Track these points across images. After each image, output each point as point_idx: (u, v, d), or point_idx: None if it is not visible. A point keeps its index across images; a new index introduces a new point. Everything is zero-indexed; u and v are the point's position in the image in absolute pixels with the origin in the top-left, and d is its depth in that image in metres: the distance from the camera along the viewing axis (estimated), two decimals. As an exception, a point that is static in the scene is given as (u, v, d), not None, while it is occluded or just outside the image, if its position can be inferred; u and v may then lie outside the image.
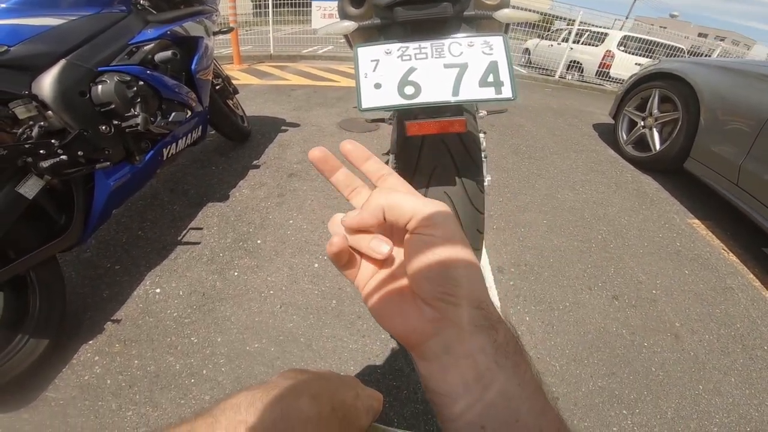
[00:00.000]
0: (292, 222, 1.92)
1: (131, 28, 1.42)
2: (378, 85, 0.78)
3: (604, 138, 3.43)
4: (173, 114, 1.52)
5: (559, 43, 7.05)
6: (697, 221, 2.26)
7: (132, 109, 1.32)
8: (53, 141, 1.08)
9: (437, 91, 0.78)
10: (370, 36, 0.96)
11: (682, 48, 6.57)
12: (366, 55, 0.80)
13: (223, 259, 1.65)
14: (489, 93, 0.78)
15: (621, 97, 3.19)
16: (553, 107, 4.43)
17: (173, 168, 2.30)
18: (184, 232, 1.80)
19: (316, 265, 1.64)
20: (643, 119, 2.92)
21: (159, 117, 1.48)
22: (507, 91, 0.78)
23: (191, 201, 2.03)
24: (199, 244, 1.73)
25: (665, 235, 2.08)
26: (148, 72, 1.41)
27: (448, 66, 0.79)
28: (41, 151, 1.05)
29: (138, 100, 1.34)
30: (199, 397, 1.13)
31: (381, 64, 0.79)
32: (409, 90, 0.77)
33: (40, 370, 1.14)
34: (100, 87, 1.24)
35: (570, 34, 6.59)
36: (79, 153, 1.15)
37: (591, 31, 6.97)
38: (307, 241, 1.78)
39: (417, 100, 0.78)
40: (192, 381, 1.17)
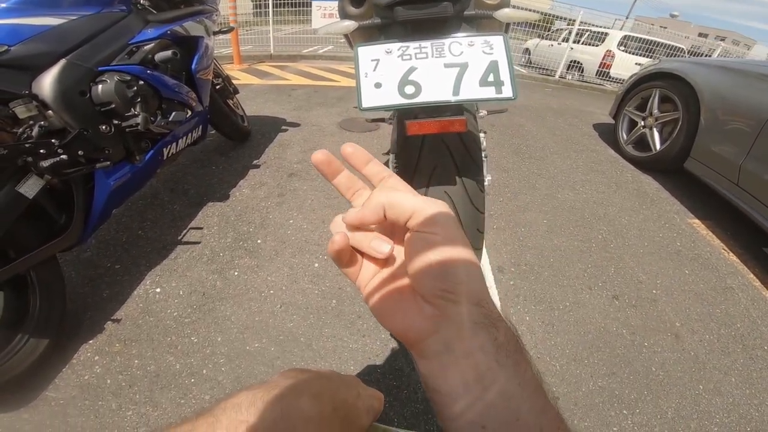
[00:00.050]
0: (292, 222, 1.92)
1: (131, 28, 1.42)
2: (378, 85, 0.78)
3: (605, 138, 3.43)
4: (173, 114, 1.52)
5: (559, 43, 7.05)
6: (697, 221, 2.26)
7: (132, 109, 1.32)
8: (53, 140, 1.08)
9: (438, 91, 0.78)
10: (371, 35, 0.96)
11: (682, 48, 6.56)
12: (366, 54, 0.80)
13: (224, 258, 1.65)
14: (489, 92, 0.78)
15: (621, 97, 3.19)
16: (554, 107, 4.43)
17: (173, 167, 2.30)
18: (185, 232, 1.80)
19: (317, 264, 1.64)
20: (644, 119, 2.91)
21: (159, 116, 1.48)
22: (507, 91, 0.78)
23: (191, 200, 2.03)
24: (199, 243, 1.73)
25: (665, 235, 2.08)
26: (149, 72, 1.41)
27: (448, 65, 0.79)
28: (41, 150, 1.05)
29: (138, 99, 1.34)
30: (199, 397, 1.13)
31: (381, 63, 0.79)
32: (409, 89, 0.77)
33: (40, 369, 1.14)
34: (101, 86, 1.24)
35: (570, 34, 6.58)
36: (79, 152, 1.15)
37: (591, 31, 6.97)
38: (308, 241, 1.78)
39: (417, 100, 0.78)
40: (192, 381, 1.17)
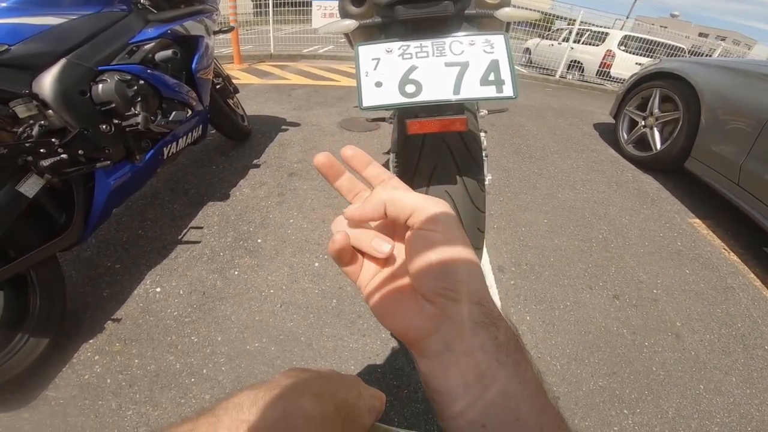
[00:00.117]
0: (292, 221, 1.92)
1: (132, 27, 1.42)
2: (379, 84, 0.78)
3: (605, 137, 3.43)
4: (174, 113, 1.52)
5: (559, 43, 7.04)
6: (697, 221, 2.25)
7: (132, 108, 1.32)
8: (53, 140, 1.08)
9: (438, 90, 0.78)
10: (371, 35, 0.96)
11: (682, 48, 6.56)
12: (367, 53, 0.80)
13: (224, 258, 1.65)
14: (490, 91, 0.78)
15: (622, 97, 3.18)
16: (554, 107, 4.43)
17: (174, 167, 2.30)
18: (185, 231, 1.80)
19: (317, 264, 1.64)
20: (644, 119, 2.91)
21: (159, 116, 1.48)
22: (508, 90, 0.78)
23: (191, 200, 2.03)
24: (199, 243, 1.73)
25: (666, 235, 2.07)
26: (149, 71, 1.41)
27: (449, 64, 0.79)
28: (41, 149, 1.05)
29: (138, 99, 1.34)
30: (200, 397, 1.13)
31: (382, 62, 0.79)
32: (410, 88, 0.77)
33: (41, 369, 1.14)
34: (101, 86, 1.24)
35: (571, 33, 6.58)
36: (79, 152, 1.15)
37: (591, 31, 6.97)
38: (308, 240, 1.78)
39: (418, 99, 0.77)
40: (192, 380, 1.17)
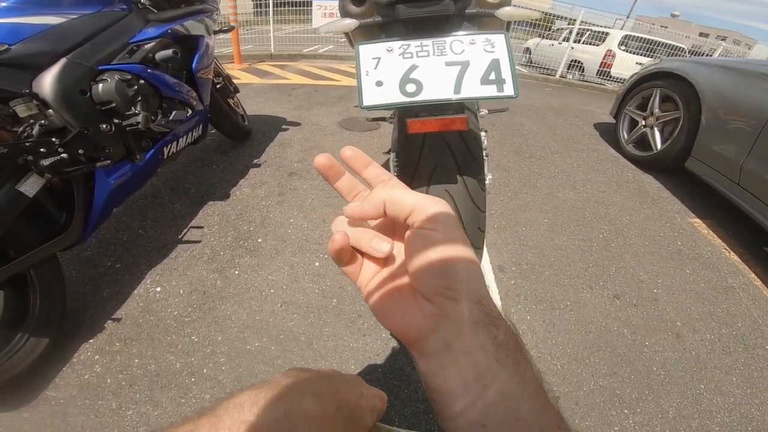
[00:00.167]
0: (292, 221, 1.92)
1: (132, 27, 1.42)
2: (379, 83, 0.78)
3: (605, 137, 3.42)
4: (174, 113, 1.52)
5: (560, 43, 7.04)
6: (698, 220, 2.25)
7: (133, 108, 1.32)
8: (54, 139, 1.08)
9: (439, 89, 0.78)
10: (371, 34, 0.95)
11: (683, 47, 6.56)
12: (367, 52, 0.79)
13: (224, 257, 1.65)
14: (491, 91, 0.77)
15: (622, 97, 3.18)
16: (554, 106, 4.43)
17: (174, 167, 2.30)
18: (185, 231, 1.80)
19: (317, 263, 1.64)
20: (645, 118, 2.91)
21: (160, 115, 1.48)
22: (509, 89, 0.77)
23: (192, 200, 2.03)
24: (199, 242, 1.73)
25: (666, 234, 2.07)
26: (149, 70, 1.41)
27: (449, 64, 0.78)
28: (42, 149, 1.04)
29: (139, 98, 1.34)
30: (200, 396, 1.13)
31: (382, 61, 0.79)
32: (410, 88, 0.77)
33: (41, 368, 1.14)
34: (101, 85, 1.23)
35: (571, 33, 6.58)
36: (79, 151, 1.15)
37: (592, 31, 6.96)
38: (308, 240, 1.78)
39: (418, 98, 0.77)
40: (192, 380, 1.17)
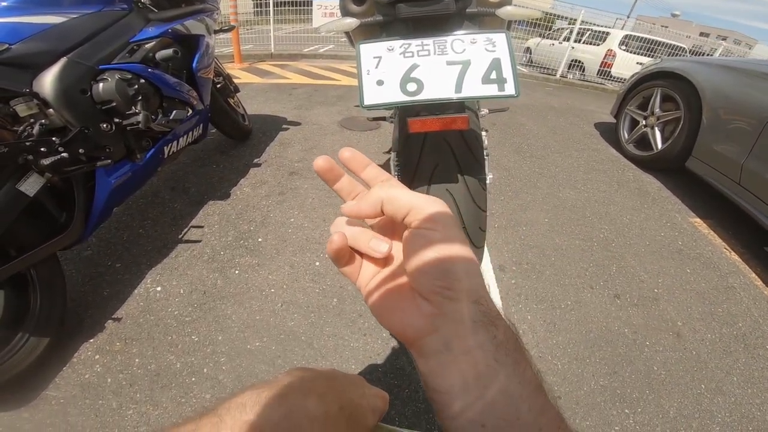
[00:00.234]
0: (293, 220, 1.92)
1: (132, 26, 1.41)
2: (380, 82, 0.78)
3: (606, 137, 3.42)
4: (174, 112, 1.52)
5: (560, 43, 7.04)
6: (698, 220, 2.25)
7: (133, 107, 1.32)
8: (54, 139, 1.08)
9: (440, 88, 0.78)
10: (372, 33, 0.95)
11: (683, 47, 6.56)
12: (368, 52, 0.79)
13: (224, 257, 1.65)
14: (492, 90, 0.77)
15: (623, 96, 3.18)
16: (555, 106, 4.42)
17: (174, 166, 2.30)
18: (185, 231, 1.80)
19: (317, 263, 1.64)
20: (645, 118, 2.91)
21: (160, 115, 1.48)
22: (510, 88, 0.77)
23: (192, 199, 2.03)
24: (200, 242, 1.73)
25: (667, 234, 2.07)
26: (149, 70, 1.41)
27: (450, 63, 0.78)
28: (42, 148, 1.04)
29: (139, 98, 1.33)
30: (200, 396, 1.13)
31: (383, 61, 0.79)
32: (411, 87, 0.77)
33: (41, 368, 1.14)
34: (101, 85, 1.23)
35: (571, 33, 6.58)
36: (80, 151, 1.15)
37: (592, 30, 6.96)
38: (308, 240, 1.78)
39: (419, 97, 0.77)
40: (193, 379, 1.17)
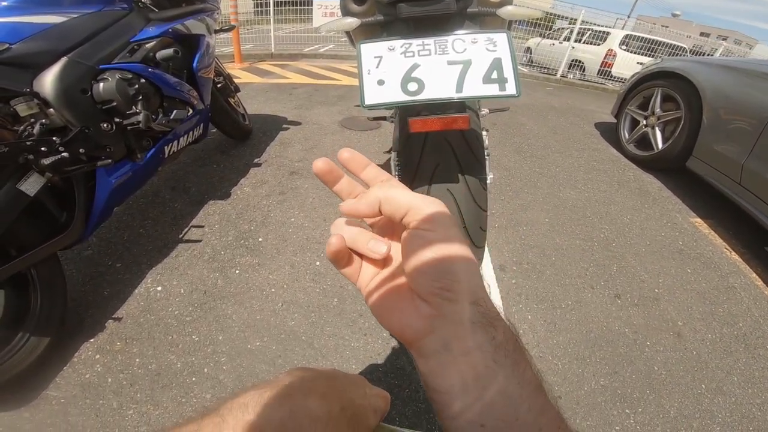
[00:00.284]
0: (293, 220, 1.92)
1: (133, 26, 1.41)
2: (381, 82, 0.78)
3: (606, 137, 3.42)
4: (175, 112, 1.52)
5: (560, 42, 7.04)
6: (699, 220, 2.25)
7: (134, 107, 1.32)
8: (55, 138, 1.08)
9: (441, 88, 0.78)
10: (373, 33, 0.95)
11: (684, 47, 6.55)
12: (369, 51, 0.79)
13: (225, 257, 1.65)
14: (493, 89, 0.77)
15: (623, 96, 3.18)
16: (555, 106, 4.42)
17: (174, 166, 2.30)
18: (186, 230, 1.79)
19: (318, 263, 1.64)
20: (646, 118, 2.91)
21: (160, 115, 1.48)
22: (511, 88, 0.77)
23: (192, 199, 2.03)
24: (200, 242, 1.73)
25: (667, 234, 2.07)
26: (150, 70, 1.41)
27: (451, 63, 0.78)
28: (42, 148, 1.04)
29: (140, 97, 1.33)
30: (201, 396, 1.13)
31: (384, 60, 0.79)
32: (412, 86, 0.77)
33: (41, 368, 1.14)
34: (102, 84, 1.23)
35: (572, 33, 6.57)
36: (80, 150, 1.15)
37: (593, 30, 6.95)
38: (309, 239, 1.78)
39: (420, 97, 0.77)
40: (193, 379, 1.17)
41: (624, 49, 6.36)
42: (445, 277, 0.23)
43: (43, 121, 1.09)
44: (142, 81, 1.35)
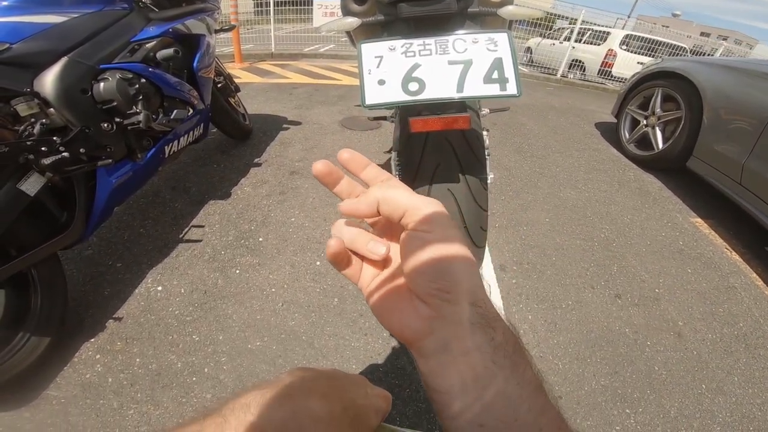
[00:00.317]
0: (293, 220, 1.92)
1: (133, 26, 1.41)
2: (382, 82, 0.78)
3: (607, 137, 3.42)
4: (175, 111, 1.52)
5: (561, 42, 7.03)
6: (699, 220, 2.25)
7: (134, 107, 1.32)
8: (55, 138, 1.08)
9: (441, 88, 0.78)
10: (373, 33, 0.95)
11: (684, 47, 6.55)
12: (370, 51, 0.79)
13: (225, 257, 1.65)
14: (493, 89, 0.77)
15: (624, 96, 3.17)
16: (555, 106, 4.42)
17: (175, 166, 2.30)
18: (186, 230, 1.79)
19: (318, 263, 1.64)
20: (646, 118, 2.90)
21: (161, 114, 1.48)
22: (512, 88, 0.77)
23: (193, 199, 2.03)
24: (200, 241, 1.73)
25: (668, 234, 2.07)
26: (150, 69, 1.41)
27: (452, 62, 0.78)
28: (43, 148, 1.04)
29: (140, 97, 1.33)
30: (201, 396, 1.13)
31: (385, 60, 0.79)
32: (413, 86, 0.77)
33: (42, 368, 1.14)
34: (102, 84, 1.23)
35: (572, 32, 6.57)
36: (80, 150, 1.15)
37: (593, 30, 6.95)
38: (309, 239, 1.78)
39: (421, 97, 0.77)
40: (194, 379, 1.17)
41: (624, 49, 6.36)
42: (444, 278, 0.23)
43: (44, 120, 1.09)
44: (143, 81, 1.35)
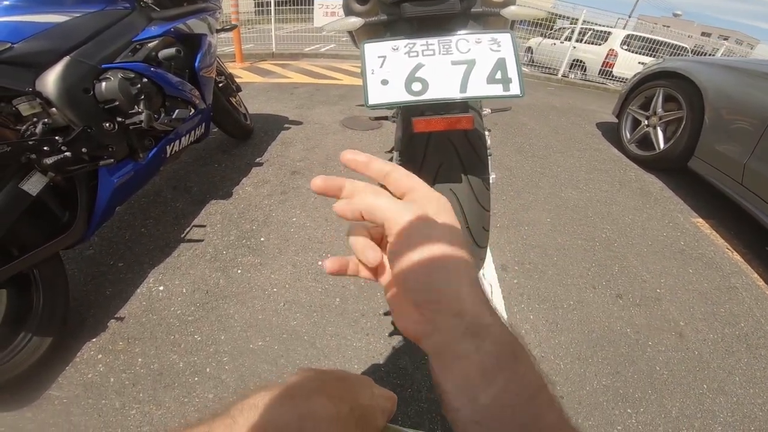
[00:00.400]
0: (295, 219, 1.92)
1: (135, 25, 1.42)
2: (385, 82, 0.77)
3: (608, 137, 3.42)
4: (177, 111, 1.52)
5: (562, 42, 7.03)
6: (701, 220, 2.25)
7: (136, 106, 1.32)
8: (57, 138, 1.08)
9: (444, 88, 0.77)
10: (376, 33, 0.95)
11: (685, 47, 6.54)
12: (373, 51, 0.79)
13: (227, 256, 1.65)
14: (497, 90, 0.77)
15: (625, 96, 3.17)
16: (556, 106, 4.42)
17: (176, 165, 2.30)
18: (188, 230, 1.80)
19: (320, 262, 1.64)
20: (647, 118, 2.90)
21: (162, 114, 1.48)
22: (515, 88, 0.77)
23: (194, 198, 2.03)
24: (202, 241, 1.73)
25: (669, 234, 2.07)
26: (152, 69, 1.41)
27: (455, 63, 0.78)
28: (45, 147, 1.04)
29: (142, 97, 1.34)
30: (203, 395, 1.13)
31: (388, 60, 0.79)
32: (416, 86, 0.77)
33: (43, 368, 1.14)
34: (104, 84, 1.23)
35: (573, 32, 6.56)
36: (82, 150, 1.15)
37: (594, 30, 6.95)
38: (311, 239, 1.78)
39: (424, 97, 0.77)
40: (196, 379, 1.17)
41: (625, 49, 6.35)
42: (430, 290, 0.24)
43: (46, 120, 1.09)
44: (145, 80, 1.36)
